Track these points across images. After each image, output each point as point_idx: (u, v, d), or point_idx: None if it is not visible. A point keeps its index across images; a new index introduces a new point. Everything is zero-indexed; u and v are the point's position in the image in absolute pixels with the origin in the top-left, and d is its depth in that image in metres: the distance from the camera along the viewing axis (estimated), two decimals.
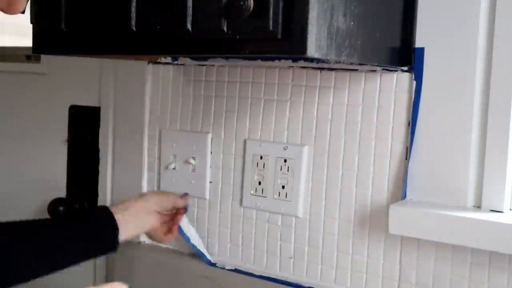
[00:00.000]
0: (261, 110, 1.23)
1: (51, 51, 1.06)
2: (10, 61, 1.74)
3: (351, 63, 1.06)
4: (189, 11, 0.86)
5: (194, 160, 1.31)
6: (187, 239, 1.29)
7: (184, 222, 1.29)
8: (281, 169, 1.20)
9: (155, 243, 1.38)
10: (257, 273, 1.24)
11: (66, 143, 1.58)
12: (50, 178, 1.60)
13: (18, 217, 1.20)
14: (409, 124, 1.07)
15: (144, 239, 1.40)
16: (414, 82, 1.06)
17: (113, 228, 1.13)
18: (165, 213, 1.24)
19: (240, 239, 1.27)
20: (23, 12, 1.53)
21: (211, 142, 1.29)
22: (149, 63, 1.37)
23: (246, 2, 0.80)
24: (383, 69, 1.09)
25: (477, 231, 0.97)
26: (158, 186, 1.37)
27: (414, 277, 1.08)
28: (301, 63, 1.17)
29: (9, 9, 0.78)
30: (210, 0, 0.84)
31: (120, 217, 1.14)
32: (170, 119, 1.35)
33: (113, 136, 1.46)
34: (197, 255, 1.29)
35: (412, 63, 1.06)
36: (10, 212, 1.18)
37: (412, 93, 1.07)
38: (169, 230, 1.24)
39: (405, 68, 1.07)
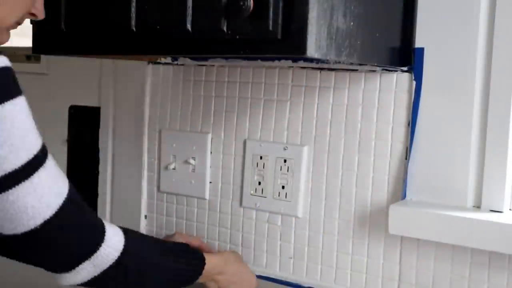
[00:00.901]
0: (261, 110, 1.23)
1: (51, 51, 1.06)
2: (10, 61, 1.74)
3: (351, 63, 1.06)
4: (189, 11, 0.86)
5: (194, 160, 1.31)
6: None
7: None
8: (281, 169, 1.20)
9: None
10: (257, 273, 1.24)
11: (66, 143, 1.58)
12: None
13: None
14: (409, 124, 1.07)
15: None
16: (414, 82, 1.06)
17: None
18: None
19: (240, 239, 1.27)
20: None
21: (211, 142, 1.29)
22: (149, 63, 1.37)
23: (246, 2, 0.80)
24: (383, 69, 1.09)
25: (477, 231, 0.97)
26: (158, 186, 1.38)
27: (414, 277, 1.08)
28: (301, 63, 1.17)
29: None
30: (210, 0, 0.84)
31: None
32: (170, 119, 1.35)
33: (113, 136, 1.46)
34: None
35: (412, 63, 1.06)
36: None
37: (412, 93, 1.07)
38: None
39: (405, 68, 1.07)
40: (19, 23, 0.90)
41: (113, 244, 0.92)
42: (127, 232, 0.95)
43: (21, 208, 0.80)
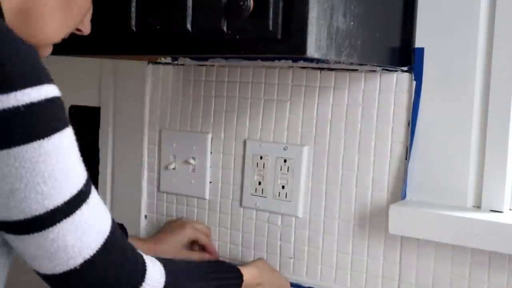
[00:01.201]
0: (261, 110, 1.23)
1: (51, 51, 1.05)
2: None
3: (351, 63, 1.06)
4: (189, 11, 0.86)
5: (194, 160, 1.31)
6: None
7: None
8: (281, 169, 1.20)
9: None
10: None
11: None
12: None
13: None
14: (409, 124, 1.07)
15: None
16: (414, 82, 1.06)
17: None
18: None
19: (240, 239, 1.27)
20: None
21: (211, 142, 1.29)
22: (149, 63, 1.37)
23: (246, 2, 0.80)
24: (383, 69, 1.09)
25: (477, 231, 0.97)
26: (158, 186, 1.38)
27: (414, 277, 1.08)
28: (301, 63, 1.17)
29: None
30: (210, 0, 0.84)
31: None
32: (170, 119, 1.35)
33: (113, 136, 1.46)
34: None
35: (412, 63, 1.06)
36: None
37: (412, 93, 1.07)
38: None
39: (405, 68, 1.07)
40: (64, 38, 0.89)
41: (153, 282, 0.87)
42: (166, 265, 0.91)
43: (61, 247, 0.75)
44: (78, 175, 0.77)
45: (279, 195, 1.21)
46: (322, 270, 1.18)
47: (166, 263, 0.91)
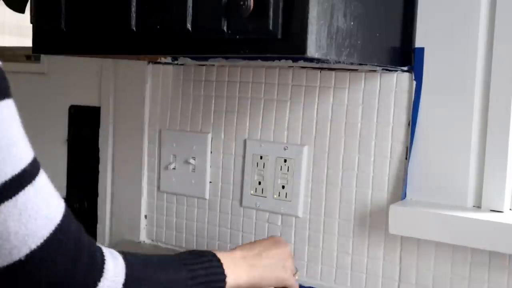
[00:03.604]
0: (261, 110, 1.23)
1: (51, 51, 1.06)
2: (10, 61, 1.74)
3: (351, 63, 1.06)
4: (189, 11, 0.86)
5: (194, 160, 1.31)
6: None
7: None
8: (281, 169, 1.20)
9: (155, 242, 1.38)
10: None
11: (66, 143, 1.58)
12: (50, 178, 1.59)
13: None
14: (409, 124, 1.07)
15: (144, 239, 1.41)
16: (414, 82, 1.06)
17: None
18: None
19: (240, 239, 1.27)
20: (23, 12, 1.53)
21: (211, 142, 1.29)
22: (149, 63, 1.37)
23: (246, 2, 0.80)
24: (383, 69, 1.09)
25: (477, 231, 0.97)
26: (158, 186, 1.38)
27: (414, 277, 1.08)
28: (301, 63, 1.17)
29: None
30: (210, 0, 0.84)
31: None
32: (170, 119, 1.35)
33: (113, 136, 1.46)
34: None
35: (412, 63, 1.06)
36: None
37: (412, 93, 1.07)
38: None
39: (405, 68, 1.07)
40: None
41: (113, 277, 0.76)
42: (126, 256, 0.80)
43: (3, 235, 0.65)
44: (21, 151, 0.67)
45: (279, 195, 1.21)
46: (322, 270, 1.18)
47: (127, 254, 0.80)
